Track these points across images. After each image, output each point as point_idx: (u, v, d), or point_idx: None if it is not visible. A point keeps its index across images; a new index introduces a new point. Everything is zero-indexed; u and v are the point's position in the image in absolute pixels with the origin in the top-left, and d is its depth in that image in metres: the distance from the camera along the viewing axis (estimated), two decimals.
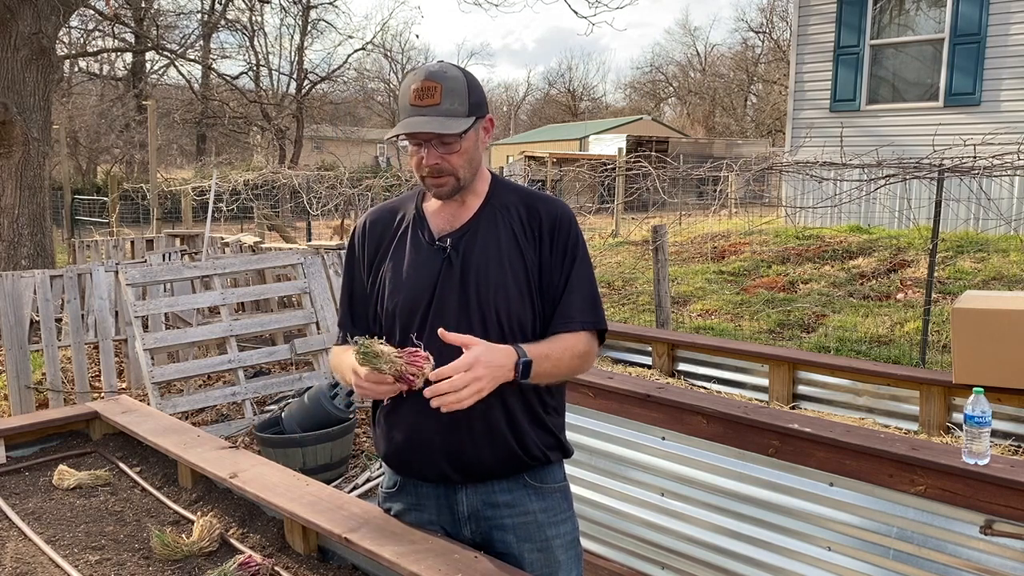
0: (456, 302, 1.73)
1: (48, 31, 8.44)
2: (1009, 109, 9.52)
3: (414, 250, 1.79)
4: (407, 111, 1.69)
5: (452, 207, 1.81)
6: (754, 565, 2.68)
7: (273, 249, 7.69)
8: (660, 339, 4.47)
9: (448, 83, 1.68)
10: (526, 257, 1.76)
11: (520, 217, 1.79)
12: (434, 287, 1.74)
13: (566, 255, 1.78)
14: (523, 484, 1.81)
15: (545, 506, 1.83)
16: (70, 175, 19.46)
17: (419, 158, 1.71)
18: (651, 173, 6.69)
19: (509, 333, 1.73)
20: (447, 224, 1.80)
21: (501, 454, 1.76)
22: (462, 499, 1.81)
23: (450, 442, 1.75)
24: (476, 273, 1.74)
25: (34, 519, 2.29)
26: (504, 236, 1.77)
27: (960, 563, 2.22)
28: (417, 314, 1.75)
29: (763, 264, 9.39)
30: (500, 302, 1.72)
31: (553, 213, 1.80)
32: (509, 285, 1.73)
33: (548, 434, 1.83)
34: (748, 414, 2.72)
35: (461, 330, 1.68)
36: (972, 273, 7.81)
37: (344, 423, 4.37)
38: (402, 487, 1.88)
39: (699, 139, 33.24)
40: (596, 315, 1.79)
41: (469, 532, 1.82)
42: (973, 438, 2.20)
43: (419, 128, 1.67)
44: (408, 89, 1.69)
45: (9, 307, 5.24)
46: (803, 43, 11.25)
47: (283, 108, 30.73)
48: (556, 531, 1.83)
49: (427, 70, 1.69)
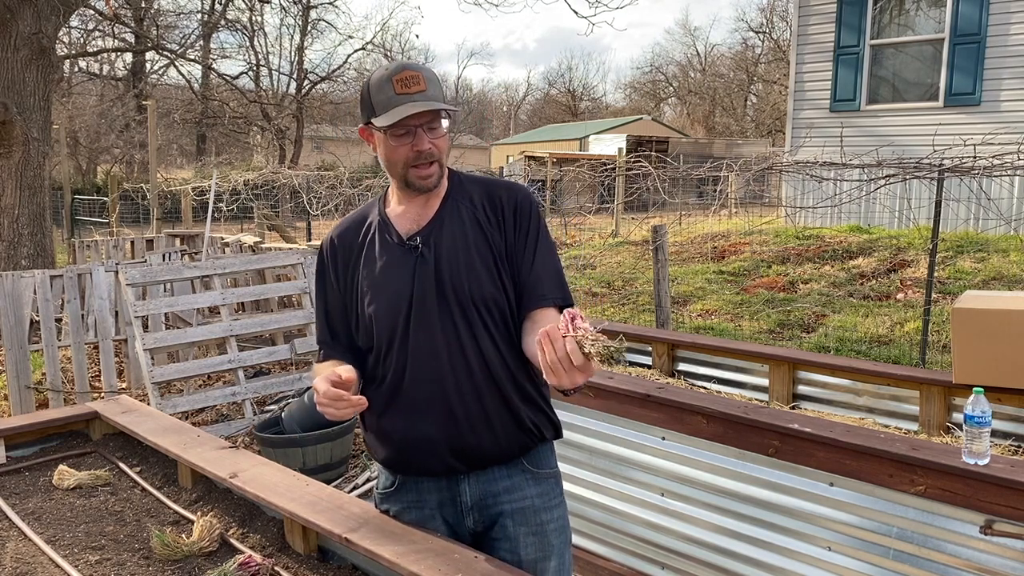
0: (435, 295, 1.76)
1: (48, 31, 8.43)
2: (1009, 109, 9.52)
3: (385, 253, 1.81)
4: (395, 100, 1.69)
5: (416, 207, 1.83)
6: (754, 565, 2.68)
7: (273, 249, 7.69)
8: (660, 339, 4.46)
9: (426, 73, 1.72)
10: (491, 241, 1.79)
11: (482, 205, 1.83)
12: (412, 285, 1.76)
13: (528, 235, 1.81)
14: (521, 469, 1.85)
15: (540, 491, 1.86)
16: (70, 175, 19.47)
17: (407, 147, 1.72)
18: (651, 173, 6.69)
19: (488, 315, 1.77)
20: (413, 224, 1.82)
21: (499, 436, 1.80)
22: (465, 490, 1.83)
23: (449, 433, 1.77)
24: (448, 264, 1.76)
25: (34, 519, 2.29)
26: (469, 224, 1.80)
27: (960, 563, 2.22)
28: (400, 314, 1.77)
29: (763, 264, 9.39)
30: (474, 288, 1.75)
31: (514, 197, 1.84)
32: (479, 270, 1.77)
33: (540, 411, 1.87)
34: (748, 414, 2.71)
35: (444, 321, 1.75)
36: (972, 273, 7.81)
37: (344, 423, 4.37)
38: (401, 485, 1.88)
39: (699, 139, 33.23)
40: (565, 292, 1.83)
41: (472, 522, 1.85)
42: (973, 438, 2.20)
43: (421, 108, 1.68)
44: (387, 82, 1.70)
45: (9, 307, 5.24)
46: (803, 43, 11.26)
47: (283, 108, 30.73)
48: (550, 516, 1.87)
49: (401, 63, 1.73)
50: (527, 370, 1.82)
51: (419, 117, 1.70)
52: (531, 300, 1.78)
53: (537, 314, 1.76)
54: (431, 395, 1.76)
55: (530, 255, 1.81)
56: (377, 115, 1.72)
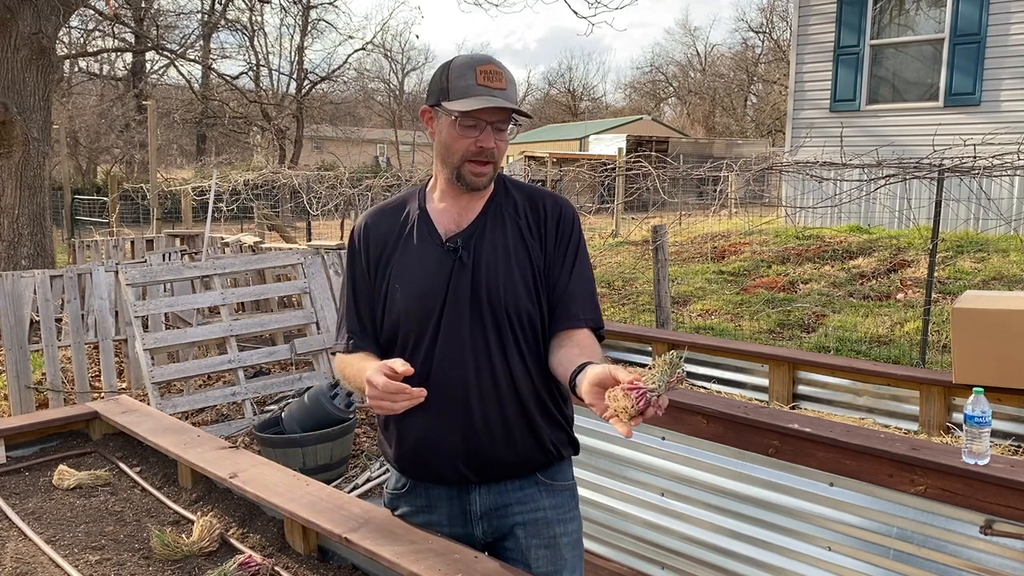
0: (469, 303, 1.71)
1: (48, 31, 8.43)
2: (1009, 109, 9.52)
3: (423, 251, 1.76)
4: (474, 90, 1.65)
5: (458, 206, 1.78)
6: (754, 565, 2.68)
7: (273, 249, 7.69)
8: (660, 339, 4.47)
9: (508, 74, 1.70)
10: (532, 255, 1.75)
11: (525, 214, 1.78)
12: (447, 289, 1.72)
13: (568, 252, 1.78)
14: (535, 481, 1.81)
15: (555, 503, 1.83)
16: (70, 175, 19.47)
17: (471, 140, 1.67)
18: (651, 173, 6.69)
19: (520, 329, 1.73)
20: (453, 224, 1.77)
21: (518, 453, 1.76)
22: (475, 499, 1.80)
23: (468, 443, 1.73)
24: (487, 273, 1.72)
25: (34, 519, 2.29)
26: (511, 234, 1.76)
27: (960, 563, 2.22)
28: (432, 317, 1.72)
29: (763, 264, 9.39)
30: (510, 302, 1.72)
31: (557, 209, 1.80)
32: (518, 284, 1.73)
33: (561, 430, 1.83)
34: (748, 414, 2.72)
35: (474, 330, 1.70)
36: (972, 273, 7.81)
37: (344, 423, 4.37)
38: (412, 488, 1.86)
39: (699, 139, 33.23)
40: (597, 313, 1.80)
41: (481, 532, 1.81)
42: (973, 438, 2.20)
43: (500, 105, 1.65)
44: (472, 70, 1.66)
45: (9, 307, 5.24)
46: (803, 43, 11.26)
47: (283, 108, 30.72)
48: (563, 529, 1.83)
49: (487, 56, 1.70)
50: (551, 388, 1.79)
51: (492, 114, 1.66)
52: (563, 319, 1.75)
53: (568, 335, 1.73)
54: (452, 402, 1.72)
55: (567, 271, 1.77)
56: (451, 99, 1.67)
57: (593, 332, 1.78)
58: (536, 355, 1.75)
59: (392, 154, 36.00)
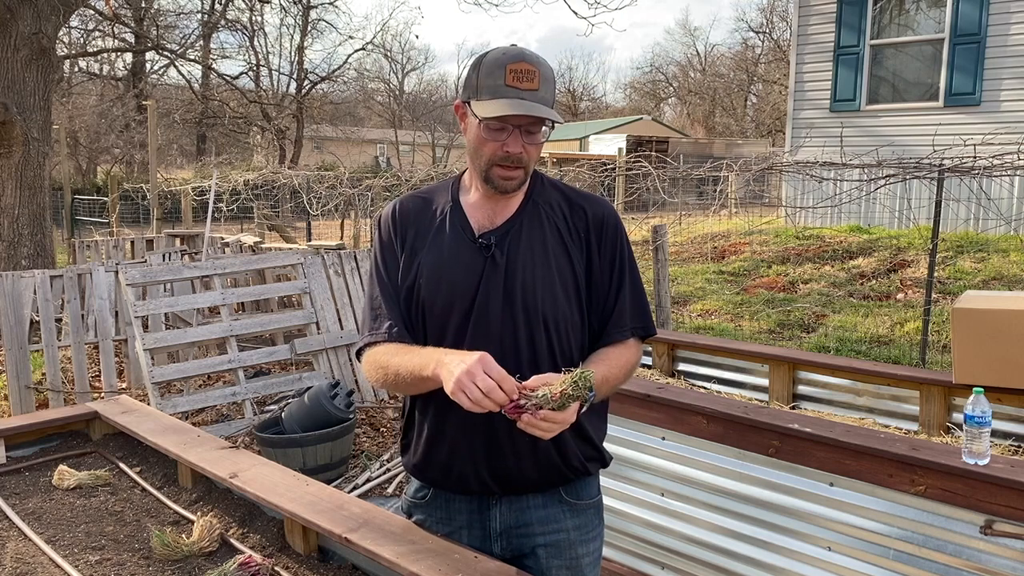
0: (500, 305, 1.63)
1: (48, 31, 8.44)
2: (1009, 109, 9.52)
3: (454, 245, 1.67)
4: (502, 91, 1.56)
5: (493, 202, 1.70)
6: (754, 565, 2.68)
7: (273, 249, 7.69)
8: (660, 339, 4.46)
9: (543, 69, 1.59)
10: (573, 259, 1.68)
11: (564, 215, 1.71)
12: (477, 288, 1.64)
13: (614, 258, 1.71)
14: (559, 500, 1.75)
15: (578, 523, 1.77)
16: (70, 175, 19.47)
17: (498, 144, 1.59)
18: (651, 173, 6.69)
19: (556, 337, 1.65)
20: (487, 220, 1.69)
21: (543, 467, 1.70)
22: (495, 515, 1.74)
23: (489, 453, 1.68)
24: (522, 275, 1.64)
25: (34, 519, 2.29)
26: (549, 236, 1.68)
27: (960, 563, 2.22)
28: (457, 314, 1.64)
29: (763, 264, 9.39)
30: (547, 307, 1.64)
31: (599, 213, 1.72)
32: (557, 289, 1.65)
33: (590, 445, 1.77)
34: (748, 414, 2.71)
35: (505, 332, 1.62)
36: (972, 273, 7.82)
37: (344, 423, 4.37)
38: (433, 499, 1.80)
39: (699, 139, 33.23)
40: (646, 319, 1.74)
41: (499, 548, 1.76)
42: (973, 438, 2.20)
43: (526, 111, 1.54)
44: (502, 68, 1.57)
45: (9, 307, 5.24)
46: (803, 43, 11.26)
47: (283, 108, 30.73)
48: (586, 549, 1.78)
49: (521, 51, 1.59)
50: None
51: (521, 118, 1.57)
52: (612, 329, 1.69)
53: (614, 348, 1.68)
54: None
55: (616, 281, 1.70)
56: (479, 99, 1.58)
57: (642, 340, 1.74)
58: (570, 362, 1.66)
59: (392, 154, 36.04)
